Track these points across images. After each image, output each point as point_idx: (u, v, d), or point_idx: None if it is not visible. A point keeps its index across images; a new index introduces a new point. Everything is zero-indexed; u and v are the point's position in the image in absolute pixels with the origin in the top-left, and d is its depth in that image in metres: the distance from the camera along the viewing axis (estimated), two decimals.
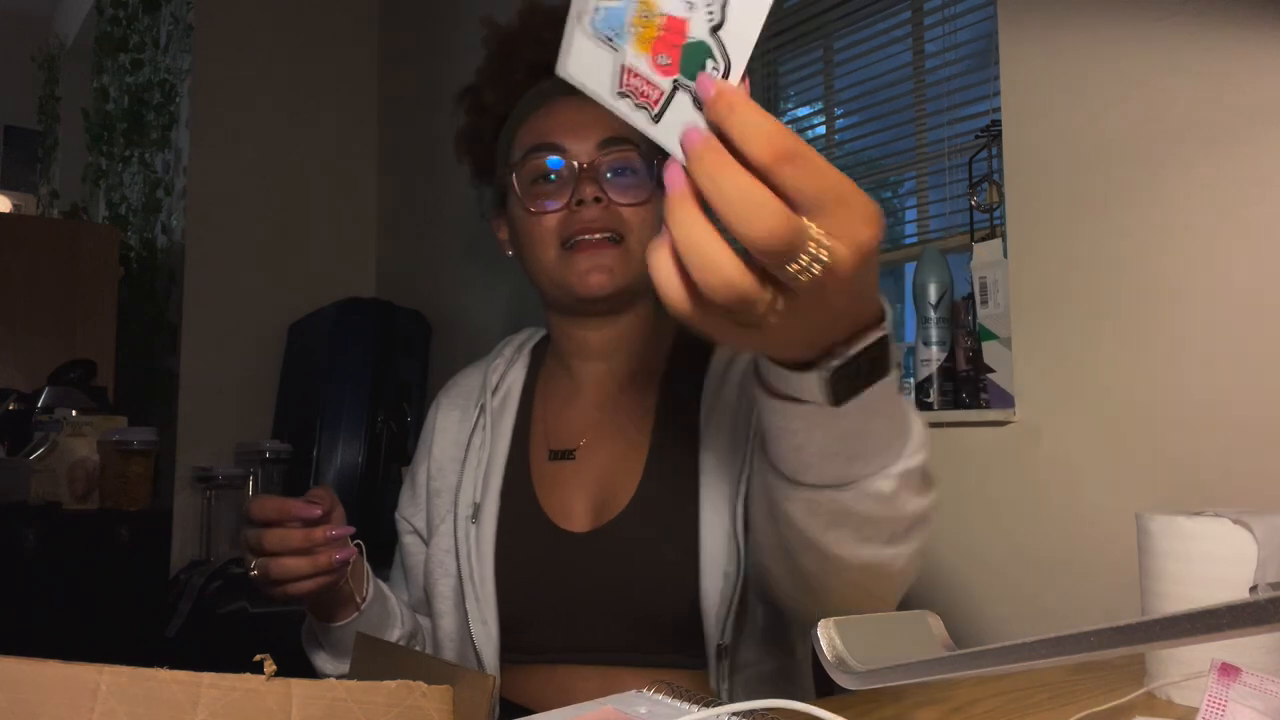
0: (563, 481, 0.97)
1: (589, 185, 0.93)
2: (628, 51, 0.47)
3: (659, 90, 0.46)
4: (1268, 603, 0.28)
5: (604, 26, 0.48)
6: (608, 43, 0.47)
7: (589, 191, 0.92)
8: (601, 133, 0.95)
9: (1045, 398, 1.19)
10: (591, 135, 0.95)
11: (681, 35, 0.45)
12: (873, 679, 0.40)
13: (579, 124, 0.95)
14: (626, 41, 0.46)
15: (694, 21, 0.45)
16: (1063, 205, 1.18)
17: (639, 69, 0.46)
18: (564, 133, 0.95)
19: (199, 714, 0.47)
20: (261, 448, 2.61)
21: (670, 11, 0.45)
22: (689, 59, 0.45)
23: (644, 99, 0.47)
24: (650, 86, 0.46)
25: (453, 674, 0.57)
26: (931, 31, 1.61)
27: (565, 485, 0.97)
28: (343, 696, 0.52)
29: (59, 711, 0.45)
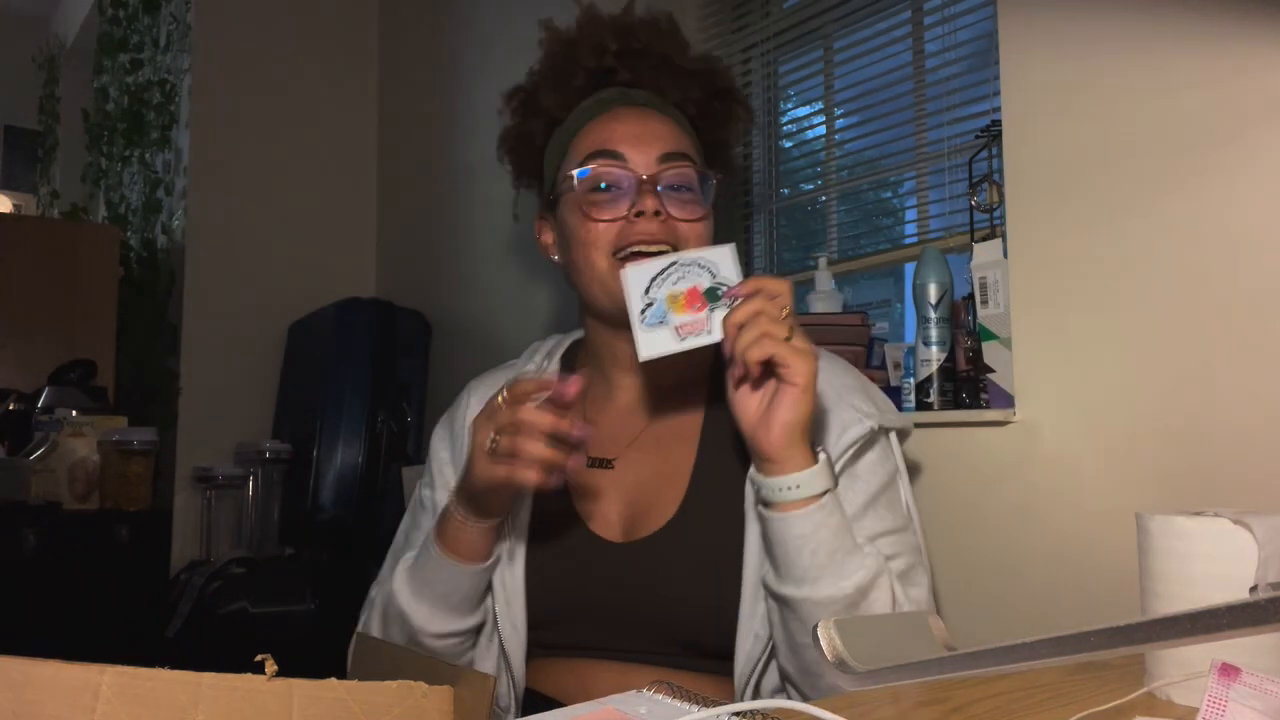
0: (601, 490, 0.97)
1: (649, 197, 0.93)
2: (674, 319, 0.82)
3: (704, 320, 0.82)
4: (1268, 603, 0.28)
5: (653, 319, 0.83)
6: (660, 325, 0.82)
7: (649, 204, 0.93)
8: (663, 146, 0.96)
9: (1045, 398, 1.19)
10: (653, 148, 0.96)
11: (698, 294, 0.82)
12: (873, 679, 0.40)
13: (641, 135, 0.96)
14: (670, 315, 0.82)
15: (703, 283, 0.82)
16: (1063, 205, 1.18)
17: (686, 321, 0.82)
18: (627, 142, 0.96)
19: (199, 714, 0.48)
20: (261, 448, 2.61)
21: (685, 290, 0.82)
22: (711, 298, 0.82)
23: (698, 329, 0.82)
24: (697, 322, 0.82)
25: (453, 674, 0.57)
26: (931, 31, 1.61)
27: (603, 494, 0.97)
28: (343, 696, 0.52)
29: (61, 711, 0.45)
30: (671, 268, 0.83)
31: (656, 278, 0.83)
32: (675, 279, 0.82)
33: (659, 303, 0.82)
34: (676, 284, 0.82)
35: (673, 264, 0.83)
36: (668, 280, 0.82)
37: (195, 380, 2.72)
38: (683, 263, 0.83)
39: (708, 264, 0.82)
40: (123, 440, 2.32)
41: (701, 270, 0.82)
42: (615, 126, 0.98)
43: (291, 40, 2.92)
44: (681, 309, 0.81)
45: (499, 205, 2.45)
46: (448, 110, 2.70)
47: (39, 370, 2.62)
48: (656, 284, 0.83)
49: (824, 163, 1.85)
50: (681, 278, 0.82)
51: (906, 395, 1.39)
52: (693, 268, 0.82)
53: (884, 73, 1.70)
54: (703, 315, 0.81)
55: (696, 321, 0.81)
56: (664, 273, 0.83)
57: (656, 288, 0.83)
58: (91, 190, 3.67)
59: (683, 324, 0.81)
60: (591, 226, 0.95)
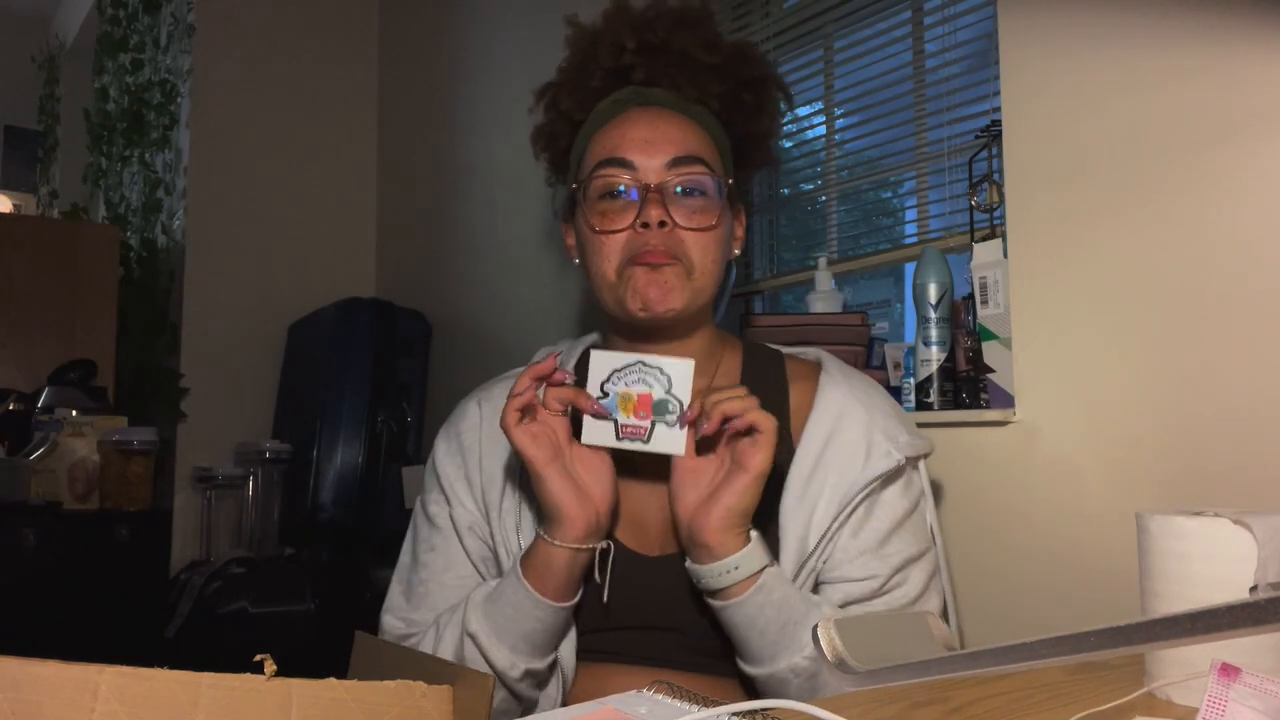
0: (630, 502, 0.96)
1: (654, 208, 0.92)
2: (619, 418, 0.87)
3: (644, 428, 0.87)
4: (1268, 603, 0.28)
5: (605, 408, 0.87)
6: (608, 418, 0.87)
7: (654, 215, 0.92)
8: (674, 150, 0.94)
9: (1045, 398, 1.19)
10: (663, 152, 0.94)
11: (649, 402, 0.87)
12: (873, 679, 0.40)
13: (651, 140, 0.94)
14: (618, 412, 0.87)
15: (654, 391, 0.87)
16: (1063, 205, 1.18)
17: (629, 423, 0.87)
18: (636, 149, 0.94)
19: (199, 714, 0.48)
20: (261, 448, 2.61)
21: (639, 393, 0.87)
22: (659, 407, 0.87)
23: (637, 435, 0.87)
24: (638, 429, 0.87)
25: (453, 674, 0.57)
26: (931, 31, 1.61)
27: (633, 506, 0.96)
28: (343, 696, 0.52)
29: (60, 711, 0.45)
30: (634, 366, 0.87)
31: (619, 371, 0.87)
32: (634, 379, 0.87)
33: (613, 396, 0.87)
34: (632, 385, 0.87)
35: (636, 363, 0.87)
36: (627, 377, 0.87)
37: (195, 380, 2.72)
38: (647, 364, 0.87)
39: (667, 374, 0.86)
40: (123, 440, 2.31)
41: (660, 379, 0.86)
42: (626, 131, 0.96)
43: (291, 40, 2.92)
44: (629, 411, 0.86)
45: (499, 205, 2.45)
46: (448, 110, 2.70)
47: (39, 370, 2.62)
48: (618, 377, 0.87)
49: (824, 163, 1.85)
50: (640, 379, 0.86)
51: (906, 395, 1.39)
52: (653, 373, 0.86)
53: (884, 73, 1.70)
54: (645, 424, 0.86)
55: (637, 428, 0.86)
56: (627, 369, 0.87)
57: (616, 381, 0.87)
58: (91, 190, 3.66)
59: (625, 425, 0.87)
60: (600, 237, 0.94)
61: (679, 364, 0.86)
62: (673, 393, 0.86)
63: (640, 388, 0.86)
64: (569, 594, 0.89)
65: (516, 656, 0.88)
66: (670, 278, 0.92)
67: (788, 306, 1.90)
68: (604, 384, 0.87)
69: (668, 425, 0.86)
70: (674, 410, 0.86)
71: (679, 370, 0.86)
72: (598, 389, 0.87)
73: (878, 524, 0.90)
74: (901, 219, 1.78)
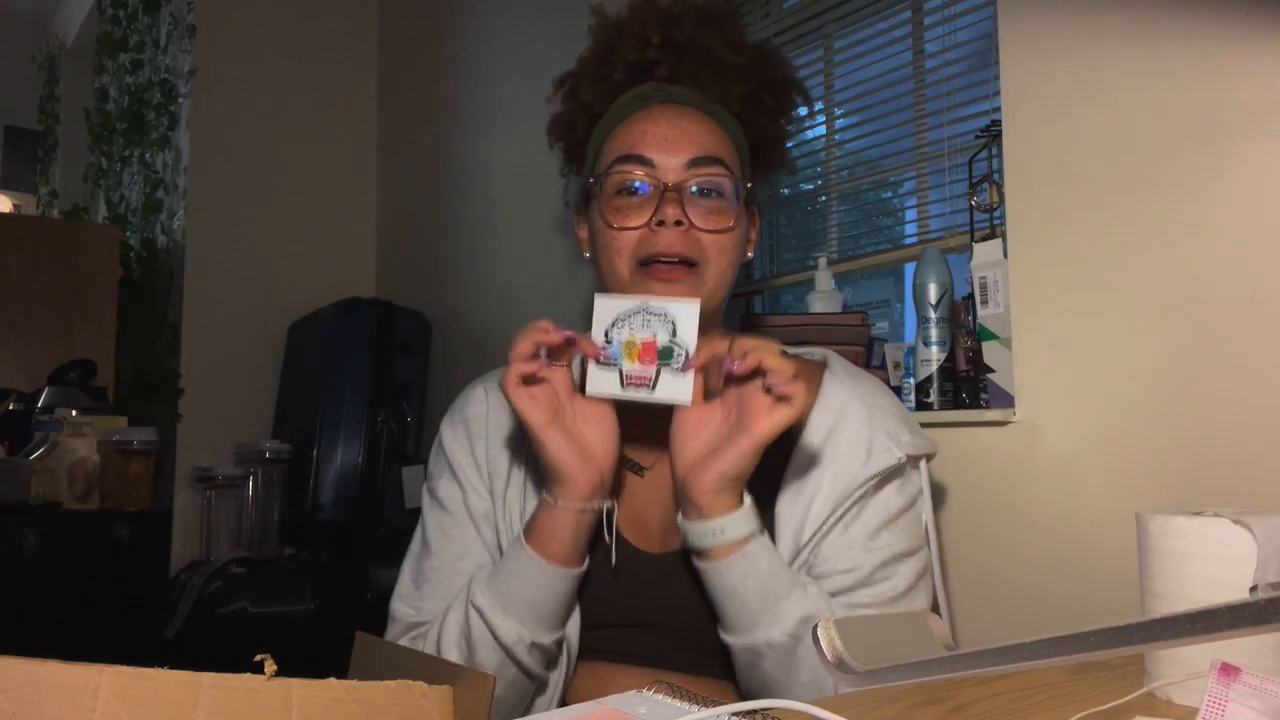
0: (634, 497, 0.96)
1: (671, 207, 0.91)
2: (624, 365, 0.85)
3: (649, 376, 0.84)
4: (1268, 603, 0.28)
5: (608, 358, 0.85)
6: (612, 366, 0.85)
7: (670, 214, 0.90)
8: (694, 150, 0.93)
9: (1045, 398, 1.19)
10: (682, 151, 0.93)
11: (653, 348, 0.84)
12: (873, 679, 0.40)
13: (671, 138, 0.93)
14: (622, 360, 0.85)
15: (658, 338, 0.84)
16: (1063, 205, 1.18)
17: (634, 371, 0.84)
18: (655, 146, 0.93)
19: (199, 714, 0.47)
20: (261, 448, 2.61)
21: (643, 339, 0.84)
22: (663, 353, 0.84)
23: (642, 383, 0.84)
24: (643, 377, 0.84)
25: (453, 674, 0.57)
26: (931, 31, 1.61)
27: (636, 501, 0.96)
28: (343, 696, 0.52)
29: (60, 711, 0.45)
30: (638, 311, 0.84)
31: (623, 317, 0.85)
32: (639, 324, 0.84)
33: (617, 344, 0.84)
34: (636, 330, 0.84)
35: (640, 308, 0.84)
36: (631, 323, 0.84)
37: (195, 380, 2.72)
38: (650, 310, 0.84)
39: (672, 317, 0.83)
40: (123, 440, 2.31)
41: (665, 324, 0.83)
42: (647, 128, 0.95)
43: (291, 40, 2.92)
44: (634, 358, 0.84)
45: (499, 205, 2.45)
46: (448, 110, 2.69)
47: (39, 370, 2.61)
48: (621, 324, 0.85)
49: (824, 163, 1.85)
50: (645, 325, 0.84)
51: (906, 395, 1.39)
52: (658, 317, 0.84)
53: (884, 73, 1.70)
54: (650, 372, 0.84)
55: (642, 376, 0.84)
56: (631, 315, 0.85)
57: (620, 327, 0.85)
58: (91, 190, 3.67)
59: (630, 373, 0.84)
60: (614, 234, 0.93)
61: (684, 305, 0.83)
62: (678, 338, 0.83)
63: (644, 333, 0.84)
64: (574, 558, 0.87)
65: (524, 628, 0.85)
66: (682, 284, 0.91)
67: (788, 306, 1.90)
68: (608, 330, 0.85)
69: (673, 371, 0.82)
70: (679, 356, 0.82)
71: (684, 313, 0.83)
72: (601, 336, 0.85)
73: (869, 518, 0.90)
74: (901, 219, 1.78)
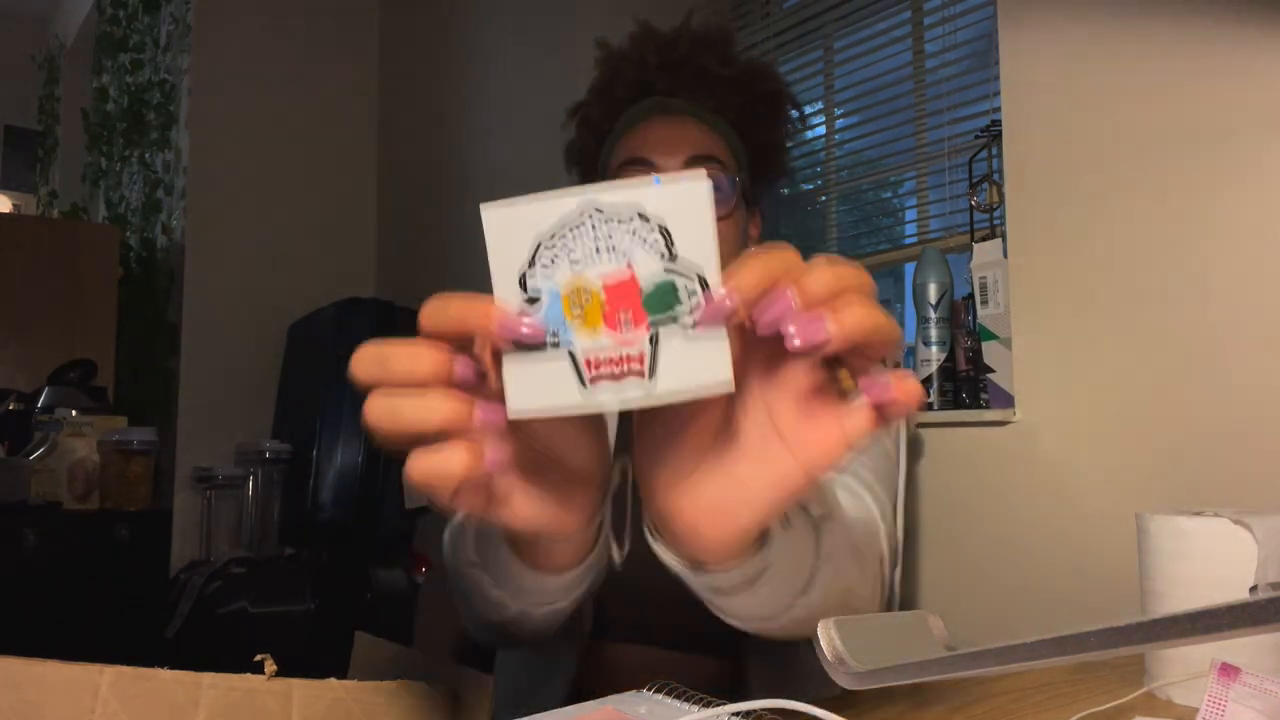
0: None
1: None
2: (577, 341, 0.39)
3: (635, 354, 0.38)
4: (1268, 603, 0.28)
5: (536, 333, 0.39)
6: (550, 346, 0.39)
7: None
8: (691, 150, 1.01)
9: (1045, 398, 1.19)
10: (680, 152, 1.00)
11: (634, 288, 0.38)
12: (873, 679, 0.40)
13: (669, 141, 1.01)
14: (571, 333, 0.39)
15: (640, 268, 0.38)
16: (1063, 205, 1.18)
17: (601, 349, 0.38)
18: (656, 149, 1.00)
19: (199, 714, 0.47)
20: (261, 448, 2.61)
21: (604, 275, 0.38)
22: (655, 298, 0.38)
23: (625, 370, 0.38)
24: (623, 355, 0.38)
25: (453, 674, 0.57)
26: (931, 31, 1.61)
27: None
28: (343, 696, 0.52)
29: (61, 711, 0.45)
30: (586, 219, 0.38)
31: (558, 236, 0.39)
32: (588, 247, 0.39)
33: (551, 297, 0.39)
34: (590, 259, 0.38)
35: (589, 210, 0.38)
36: (573, 246, 0.39)
37: (195, 380, 2.72)
38: (609, 206, 0.38)
39: (660, 217, 0.38)
40: (123, 440, 2.32)
41: (647, 233, 0.38)
42: (647, 134, 1.02)
43: (291, 40, 2.92)
44: (594, 320, 0.38)
45: None
46: (448, 110, 2.69)
47: (39, 370, 2.62)
48: (548, 251, 0.39)
49: (824, 163, 1.85)
50: (602, 247, 0.38)
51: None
52: (629, 224, 0.38)
53: (884, 73, 1.70)
54: (636, 340, 0.38)
55: (622, 353, 0.38)
56: (564, 230, 0.39)
57: (548, 260, 0.39)
58: (91, 190, 3.67)
59: (595, 356, 0.38)
60: None
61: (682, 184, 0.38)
62: (682, 259, 0.38)
63: (608, 262, 0.38)
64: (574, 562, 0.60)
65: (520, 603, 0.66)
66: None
67: None
68: (524, 273, 0.40)
69: (686, 329, 0.38)
70: (691, 295, 0.38)
71: (687, 198, 0.38)
72: (515, 287, 0.40)
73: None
74: (901, 219, 1.78)
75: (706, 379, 0.38)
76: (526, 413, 0.40)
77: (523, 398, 0.40)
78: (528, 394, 0.40)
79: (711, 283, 0.38)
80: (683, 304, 0.38)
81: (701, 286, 0.38)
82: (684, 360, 0.38)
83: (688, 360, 0.38)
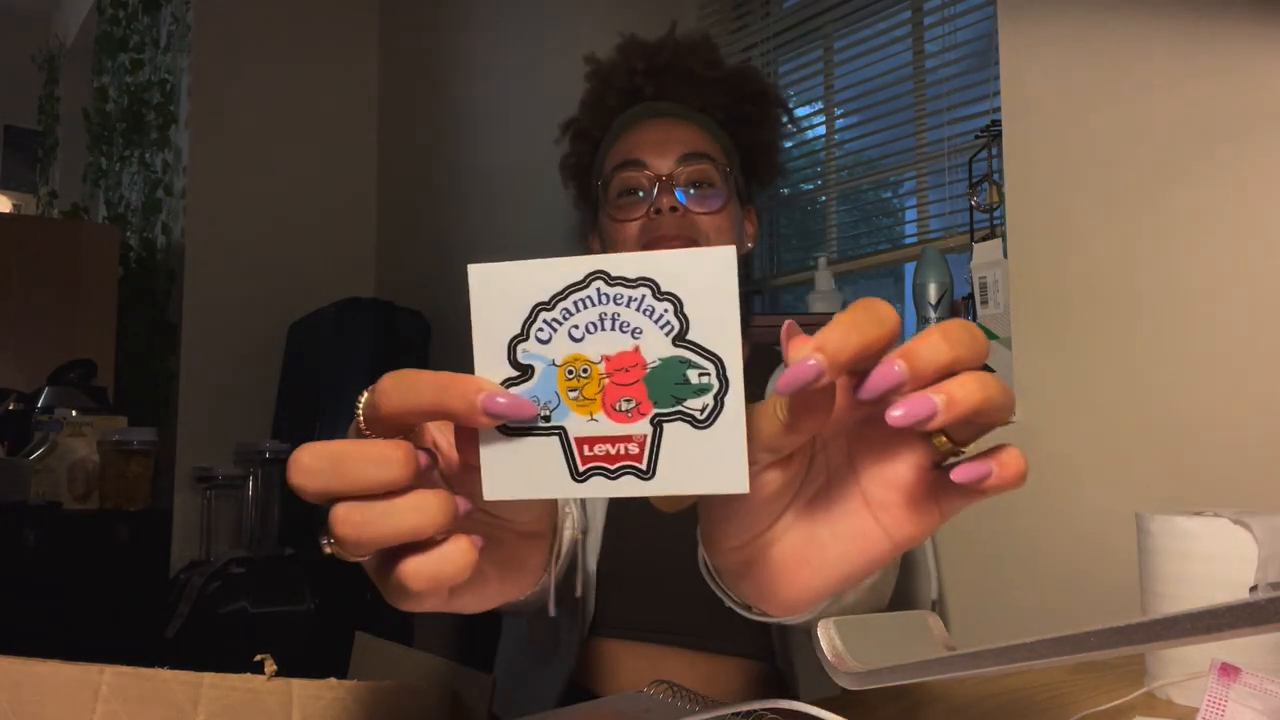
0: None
1: (666, 196, 1.01)
2: (572, 420, 0.35)
3: (638, 439, 0.35)
4: (1268, 603, 0.28)
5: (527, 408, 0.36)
6: (537, 430, 0.36)
7: (666, 202, 1.01)
8: (682, 149, 1.04)
9: (1045, 398, 1.19)
10: (672, 151, 1.04)
11: (639, 367, 0.35)
12: (873, 679, 0.40)
13: (661, 142, 1.04)
14: (566, 412, 0.35)
15: (646, 344, 0.35)
16: (1063, 205, 1.18)
17: (599, 432, 0.35)
18: (647, 150, 1.04)
19: (199, 714, 0.48)
20: (261, 448, 2.61)
21: (607, 351, 0.35)
22: (661, 381, 0.34)
23: (623, 460, 0.35)
24: (625, 441, 0.35)
25: (453, 674, 0.57)
26: (931, 31, 1.61)
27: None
28: (343, 696, 0.52)
29: (61, 711, 0.45)
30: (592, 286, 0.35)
31: (558, 298, 0.35)
32: (591, 319, 0.35)
33: (542, 370, 0.36)
34: (590, 334, 0.35)
35: (595, 277, 0.35)
36: (572, 315, 0.35)
37: (195, 380, 2.72)
38: (614, 280, 0.35)
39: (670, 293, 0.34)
40: (123, 440, 2.32)
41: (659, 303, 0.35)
42: (639, 137, 1.06)
43: (291, 40, 2.92)
44: (594, 400, 0.35)
45: (499, 205, 2.45)
46: (448, 110, 2.69)
47: (39, 370, 2.62)
48: (545, 318, 0.36)
49: (824, 163, 1.85)
50: (607, 320, 0.35)
51: None
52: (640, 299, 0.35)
53: (884, 73, 1.70)
54: (636, 433, 0.35)
55: (619, 443, 0.35)
56: (565, 297, 0.35)
57: (545, 329, 0.36)
58: (91, 190, 3.67)
59: (589, 437, 0.35)
60: (620, 227, 1.03)
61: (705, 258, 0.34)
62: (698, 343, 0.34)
63: (611, 337, 0.35)
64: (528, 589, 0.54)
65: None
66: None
67: (788, 306, 1.90)
68: (515, 341, 0.36)
69: (696, 421, 0.34)
70: (706, 380, 0.34)
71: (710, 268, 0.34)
72: (503, 356, 0.36)
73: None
74: (901, 219, 1.78)
75: (713, 481, 0.34)
76: (506, 497, 0.36)
77: (503, 482, 0.36)
78: (509, 478, 0.36)
79: (730, 368, 0.34)
80: (693, 390, 0.34)
81: (718, 372, 0.34)
82: (690, 455, 0.34)
83: (695, 456, 0.34)
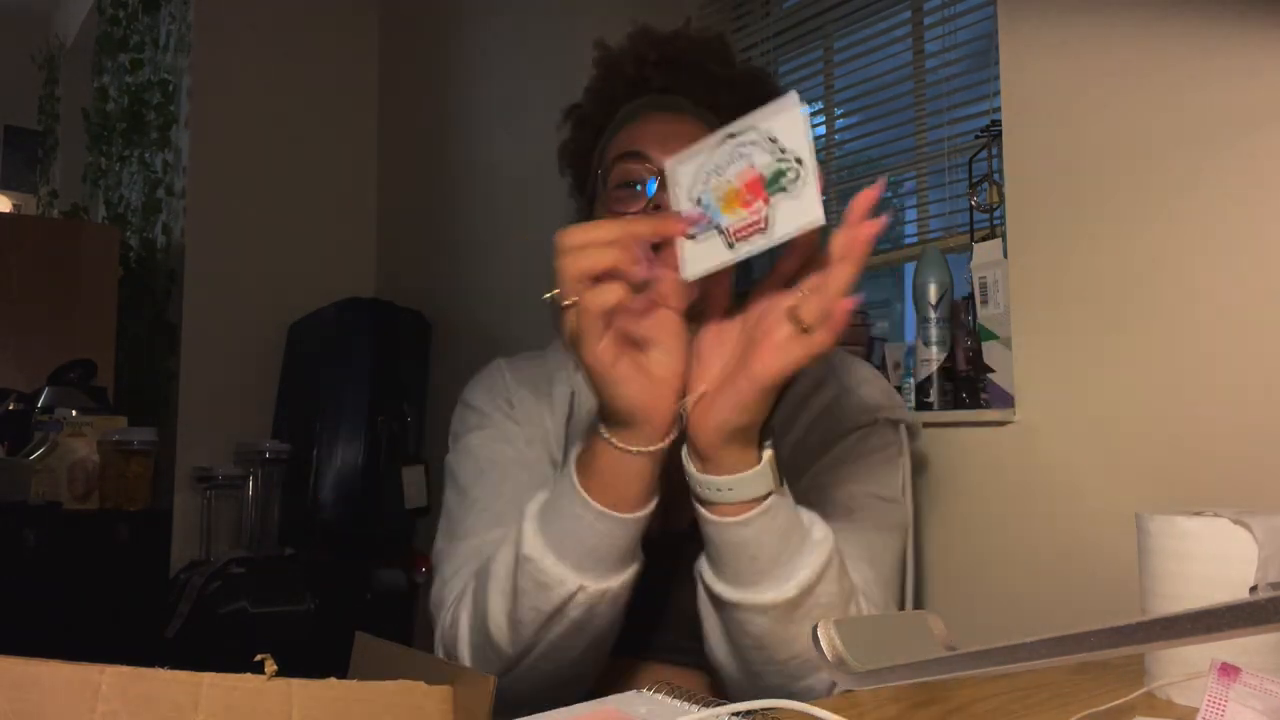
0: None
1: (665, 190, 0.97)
2: (725, 219, 0.62)
3: (760, 217, 0.60)
4: (1268, 603, 0.28)
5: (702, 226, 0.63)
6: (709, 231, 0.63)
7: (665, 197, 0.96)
8: (686, 143, 1.01)
9: (1045, 398, 1.19)
10: (675, 145, 1.00)
11: (758, 181, 0.60)
12: (873, 679, 0.40)
13: (665, 135, 1.00)
14: (721, 215, 0.62)
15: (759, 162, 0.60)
16: (1063, 205, 1.18)
17: (739, 223, 0.61)
18: (650, 143, 1.00)
19: (199, 714, 0.47)
20: (261, 448, 2.61)
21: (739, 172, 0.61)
22: (771, 179, 0.60)
23: (753, 229, 0.60)
24: (753, 222, 0.60)
25: (453, 674, 0.57)
26: (931, 31, 1.61)
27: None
28: (343, 696, 0.52)
29: (61, 711, 0.45)
30: (725, 145, 0.62)
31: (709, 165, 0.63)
32: (729, 160, 0.62)
33: (708, 199, 0.62)
34: (728, 168, 0.62)
35: (728, 137, 0.62)
36: (719, 167, 0.62)
37: (195, 380, 2.72)
38: (738, 137, 0.61)
39: (771, 132, 0.60)
40: (123, 440, 2.32)
41: (763, 144, 0.60)
42: (644, 129, 1.02)
43: (291, 40, 2.93)
44: (734, 204, 0.61)
45: (499, 204, 2.45)
46: (448, 109, 2.69)
47: (39, 370, 2.62)
48: (705, 172, 0.63)
49: (824, 163, 1.85)
50: (737, 157, 0.61)
51: (907, 395, 1.39)
52: (752, 142, 0.61)
53: (884, 73, 1.70)
54: (759, 210, 0.60)
55: (752, 221, 0.60)
56: (714, 154, 0.63)
57: (705, 179, 0.63)
58: (91, 190, 3.67)
59: (736, 226, 0.61)
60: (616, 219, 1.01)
61: (782, 108, 0.60)
62: (786, 152, 0.59)
63: (739, 166, 0.61)
64: (643, 502, 0.72)
65: (583, 576, 0.73)
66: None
67: None
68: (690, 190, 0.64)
69: (790, 192, 0.59)
70: (793, 172, 0.59)
71: (785, 117, 0.60)
72: (689, 201, 0.64)
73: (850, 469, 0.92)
74: (901, 219, 1.78)
75: (804, 220, 0.59)
76: (697, 274, 0.63)
77: (693, 264, 0.64)
78: (695, 260, 0.63)
79: (806, 161, 0.58)
80: (789, 178, 0.59)
81: (798, 163, 0.59)
82: (790, 211, 0.59)
83: (792, 210, 0.59)
